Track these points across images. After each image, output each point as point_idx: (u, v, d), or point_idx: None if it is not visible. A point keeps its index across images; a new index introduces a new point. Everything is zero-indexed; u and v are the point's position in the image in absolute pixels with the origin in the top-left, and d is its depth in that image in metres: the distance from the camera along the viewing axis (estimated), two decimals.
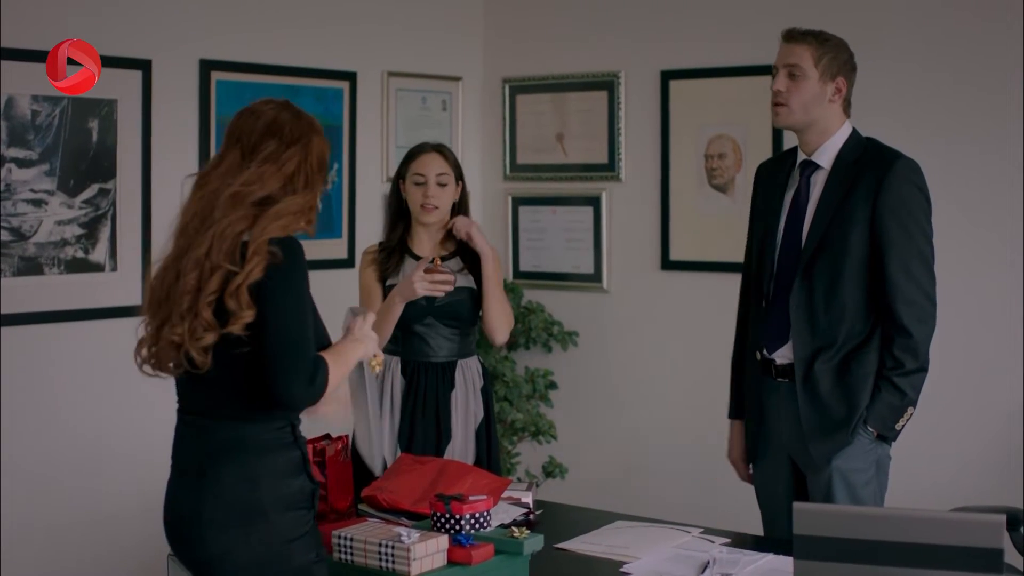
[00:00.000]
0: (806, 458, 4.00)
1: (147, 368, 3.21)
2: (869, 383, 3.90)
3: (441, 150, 4.67)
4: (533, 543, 3.47)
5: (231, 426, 3.10)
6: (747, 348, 4.22)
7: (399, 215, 4.69)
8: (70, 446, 5.11)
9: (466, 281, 4.60)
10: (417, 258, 4.60)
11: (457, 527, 3.44)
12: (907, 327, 3.86)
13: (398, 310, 4.43)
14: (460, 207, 4.69)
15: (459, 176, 4.67)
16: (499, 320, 4.63)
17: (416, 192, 4.59)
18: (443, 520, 3.48)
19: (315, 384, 3.05)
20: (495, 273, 4.60)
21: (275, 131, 3.20)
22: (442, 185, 4.59)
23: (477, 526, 3.49)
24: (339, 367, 3.15)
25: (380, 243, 4.71)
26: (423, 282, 4.36)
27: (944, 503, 4.73)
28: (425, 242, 4.66)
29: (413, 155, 4.66)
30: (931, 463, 5.31)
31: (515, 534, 3.47)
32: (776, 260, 4.07)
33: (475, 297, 4.60)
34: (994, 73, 5.22)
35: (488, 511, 3.55)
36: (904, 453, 4.64)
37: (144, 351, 3.20)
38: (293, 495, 3.09)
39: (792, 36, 4.02)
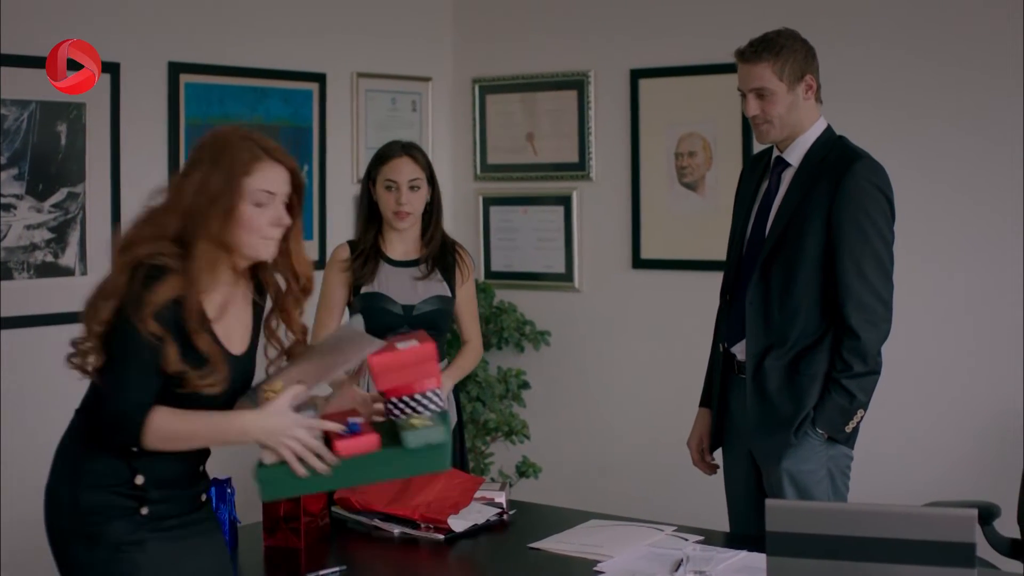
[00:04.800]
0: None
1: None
2: (817, 384, 3.90)
3: (412, 152, 4.58)
4: (428, 435, 3.05)
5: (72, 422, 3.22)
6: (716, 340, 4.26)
7: (371, 217, 4.65)
8: (40, 452, 5.07)
9: (441, 290, 4.58)
10: (390, 262, 4.57)
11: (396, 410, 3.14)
12: (856, 330, 3.84)
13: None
14: (432, 208, 4.65)
15: (431, 177, 4.63)
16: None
17: (388, 197, 4.54)
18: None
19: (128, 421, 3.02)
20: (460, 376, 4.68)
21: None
22: (414, 189, 4.54)
23: (406, 410, 3.13)
24: (191, 428, 3.07)
25: (350, 242, 4.67)
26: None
27: (917, 498, 4.75)
28: (398, 246, 4.61)
29: (384, 158, 4.59)
30: (903, 458, 5.33)
31: (414, 423, 3.07)
32: (742, 255, 4.09)
33: (450, 306, 4.59)
34: (992, 61, 5.20)
35: (431, 391, 3.16)
36: (877, 448, 4.67)
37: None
38: (99, 477, 3.09)
39: (746, 56, 3.98)
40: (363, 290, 4.52)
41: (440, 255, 4.62)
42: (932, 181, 5.29)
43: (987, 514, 4.32)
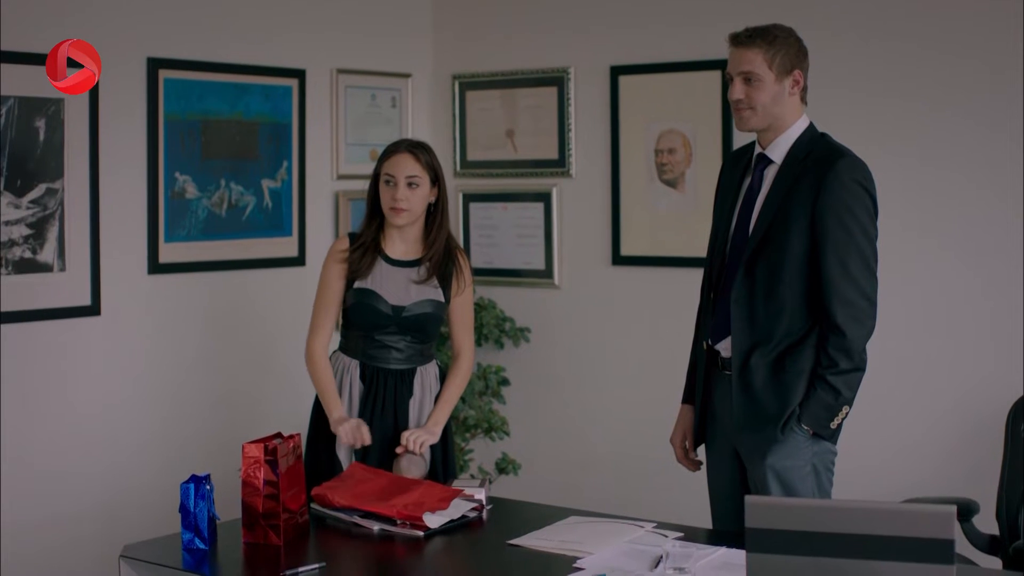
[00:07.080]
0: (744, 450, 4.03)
1: None
2: (803, 381, 3.91)
3: (414, 150, 4.53)
4: None
5: None
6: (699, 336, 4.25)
7: (374, 212, 4.62)
8: (19, 448, 5.07)
9: (435, 294, 4.55)
10: (388, 260, 4.54)
11: None
12: (841, 326, 3.85)
13: None
14: (436, 210, 4.62)
15: (435, 178, 4.60)
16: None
17: (386, 192, 4.52)
18: None
19: None
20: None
21: None
22: (412, 186, 4.51)
23: None
24: None
25: (351, 234, 4.64)
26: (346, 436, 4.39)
27: (897, 494, 4.76)
28: (397, 244, 4.58)
29: (387, 153, 4.56)
30: (885, 455, 5.34)
31: None
32: (726, 252, 4.09)
33: (441, 311, 4.56)
34: (990, 48, 5.17)
35: None
36: (858, 445, 4.67)
37: None
38: None
39: (740, 41, 3.99)
40: (356, 285, 4.50)
41: (443, 260, 4.58)
42: (922, 175, 5.29)
43: (966, 511, 4.33)
